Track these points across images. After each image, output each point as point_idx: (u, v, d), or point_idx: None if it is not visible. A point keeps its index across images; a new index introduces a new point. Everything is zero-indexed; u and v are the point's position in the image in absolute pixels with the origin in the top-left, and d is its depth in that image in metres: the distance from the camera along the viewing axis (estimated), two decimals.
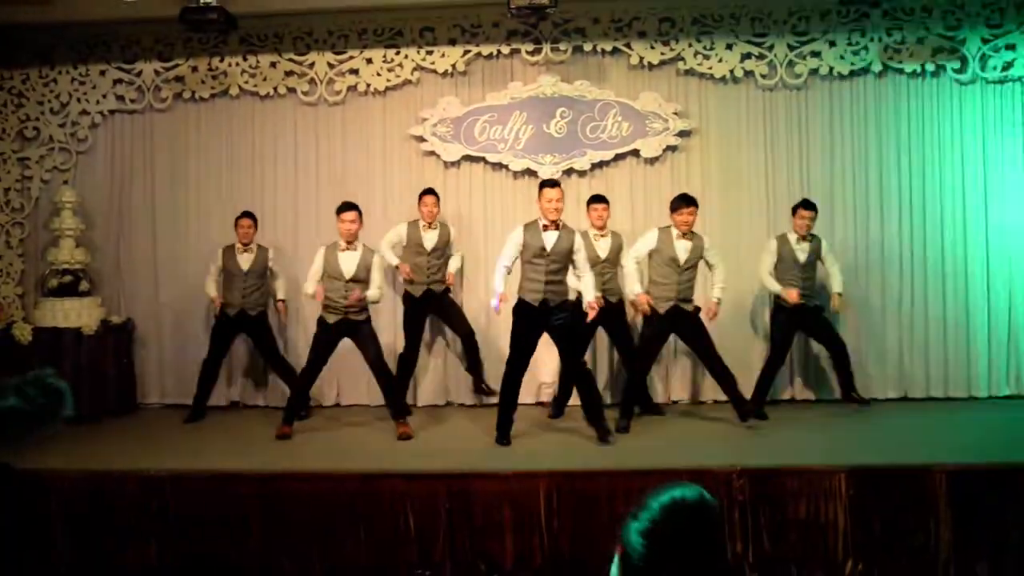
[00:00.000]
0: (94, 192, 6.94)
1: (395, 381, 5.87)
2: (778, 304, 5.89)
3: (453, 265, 6.37)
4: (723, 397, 5.77)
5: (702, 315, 5.59)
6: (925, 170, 6.51)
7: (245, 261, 6.25)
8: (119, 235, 6.96)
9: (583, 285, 5.24)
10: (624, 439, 5.33)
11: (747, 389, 5.75)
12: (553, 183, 5.49)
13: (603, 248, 5.95)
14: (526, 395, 6.44)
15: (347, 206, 5.64)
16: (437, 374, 6.76)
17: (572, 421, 5.77)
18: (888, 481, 4.35)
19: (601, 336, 6.34)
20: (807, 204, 5.90)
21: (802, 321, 5.84)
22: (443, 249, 6.30)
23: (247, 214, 6.36)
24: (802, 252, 5.82)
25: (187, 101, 6.89)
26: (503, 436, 5.25)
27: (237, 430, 5.95)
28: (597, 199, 6.01)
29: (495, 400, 5.60)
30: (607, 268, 5.94)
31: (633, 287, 5.58)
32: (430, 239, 6.24)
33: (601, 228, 5.96)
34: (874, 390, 6.37)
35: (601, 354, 6.61)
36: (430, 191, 6.34)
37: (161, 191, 6.94)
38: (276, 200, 6.87)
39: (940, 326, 6.46)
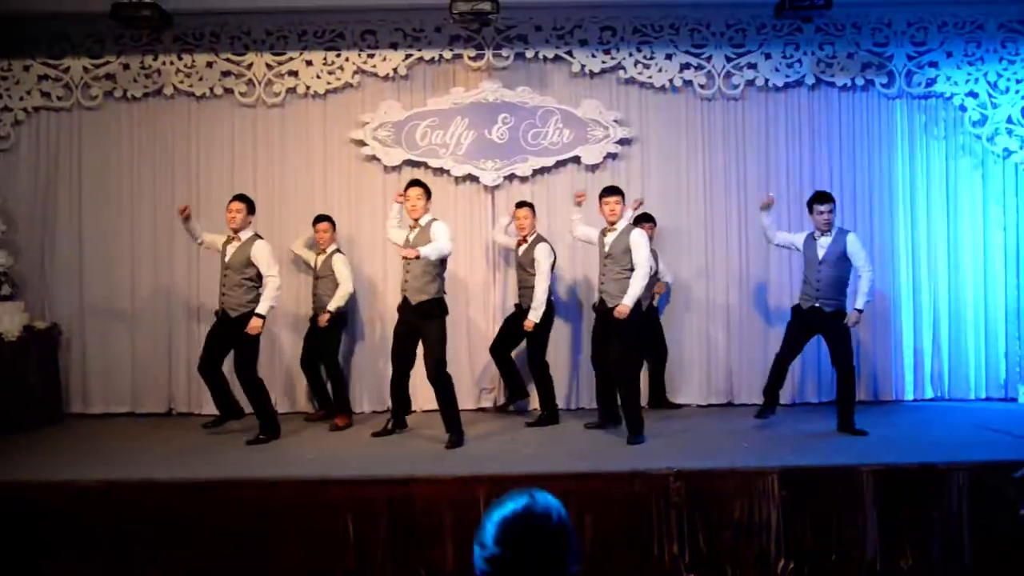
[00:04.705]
0: (16, 192, 6.71)
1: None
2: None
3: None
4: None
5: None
6: (856, 180, 6.73)
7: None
8: (43, 237, 6.72)
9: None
10: (568, 442, 5.35)
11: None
12: (521, 204, 6.13)
13: (610, 243, 5.42)
14: (466, 401, 6.45)
15: (320, 217, 6.18)
16: (378, 379, 6.64)
17: (530, 423, 5.94)
18: (818, 481, 4.43)
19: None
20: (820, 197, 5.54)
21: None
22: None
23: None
24: (821, 249, 5.51)
25: (119, 100, 6.70)
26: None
27: (170, 439, 5.74)
28: (610, 191, 5.49)
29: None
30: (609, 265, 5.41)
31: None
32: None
33: (613, 223, 5.44)
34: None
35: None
36: (416, 183, 5.48)
37: (89, 192, 6.72)
38: (211, 204, 6.59)
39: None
